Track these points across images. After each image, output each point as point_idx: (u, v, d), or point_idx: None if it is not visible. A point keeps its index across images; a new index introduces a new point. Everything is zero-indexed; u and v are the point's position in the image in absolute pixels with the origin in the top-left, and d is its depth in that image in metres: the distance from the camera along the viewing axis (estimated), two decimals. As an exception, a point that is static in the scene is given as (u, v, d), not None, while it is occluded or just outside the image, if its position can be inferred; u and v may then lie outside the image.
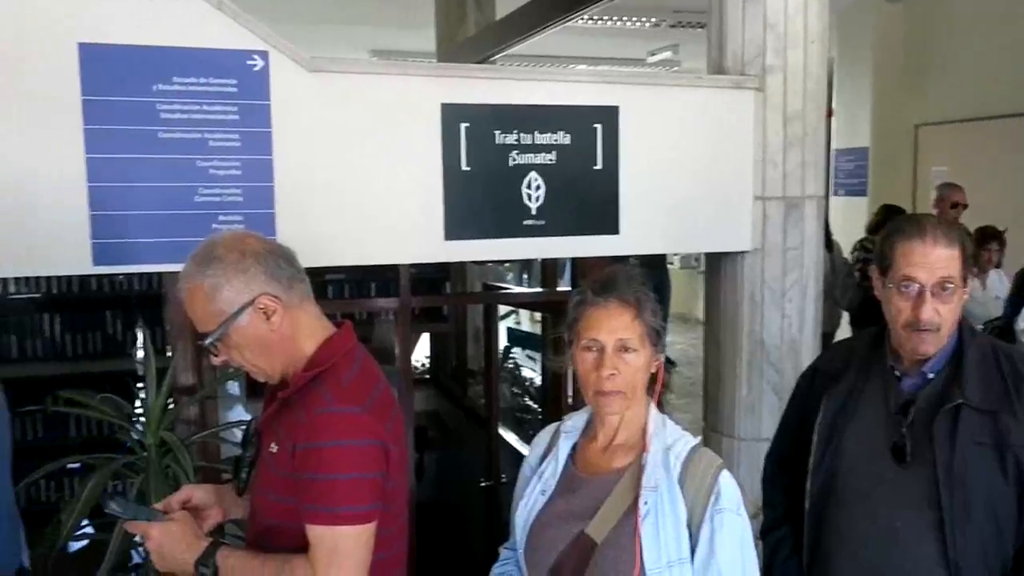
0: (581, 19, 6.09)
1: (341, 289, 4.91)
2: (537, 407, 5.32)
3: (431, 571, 3.12)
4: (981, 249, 4.63)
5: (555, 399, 3.66)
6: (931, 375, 1.76)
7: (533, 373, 5.83)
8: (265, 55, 2.33)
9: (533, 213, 2.67)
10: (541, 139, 2.66)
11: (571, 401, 3.35)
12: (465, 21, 6.19)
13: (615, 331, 1.59)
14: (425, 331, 5.59)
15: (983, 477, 1.67)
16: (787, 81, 2.92)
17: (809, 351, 3.00)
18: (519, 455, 3.92)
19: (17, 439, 2.14)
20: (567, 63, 9.93)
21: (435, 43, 6.59)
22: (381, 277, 4.78)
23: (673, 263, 10.55)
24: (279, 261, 1.59)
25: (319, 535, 1.50)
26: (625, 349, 1.59)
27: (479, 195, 2.60)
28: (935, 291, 1.69)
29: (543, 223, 2.68)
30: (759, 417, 3.00)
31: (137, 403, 2.70)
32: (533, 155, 2.65)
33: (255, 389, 3.26)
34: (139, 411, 2.61)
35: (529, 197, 2.66)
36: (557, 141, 2.68)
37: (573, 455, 1.70)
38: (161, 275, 3.08)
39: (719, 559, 1.52)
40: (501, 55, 5.85)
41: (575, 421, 1.75)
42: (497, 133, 2.61)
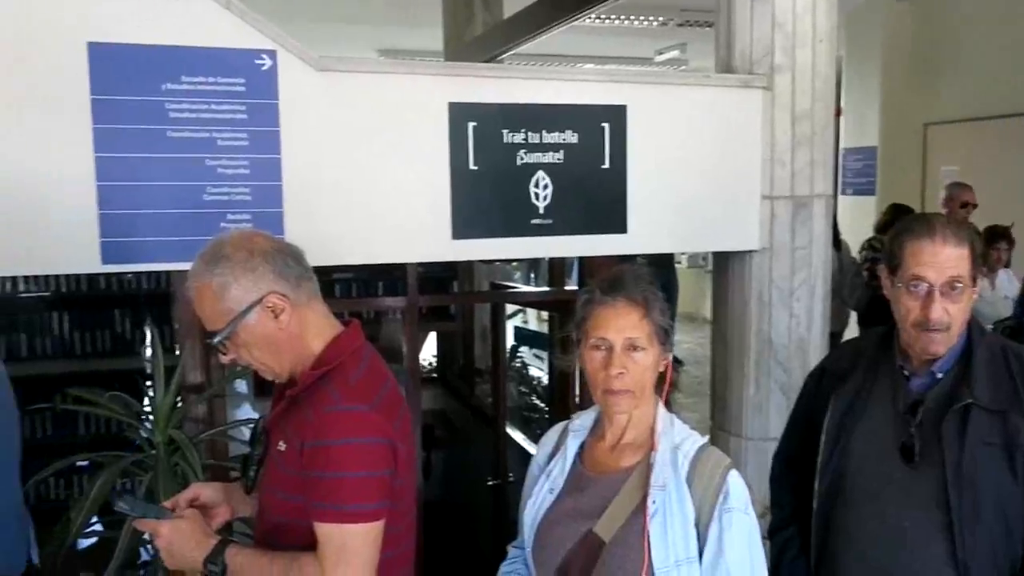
0: (589, 18, 6.09)
1: (349, 288, 4.93)
2: (544, 406, 5.32)
3: (439, 570, 3.12)
4: (990, 248, 4.60)
5: (562, 398, 3.67)
6: (940, 375, 1.76)
7: (540, 372, 5.82)
8: (273, 54, 2.33)
9: (541, 212, 2.67)
10: (549, 138, 2.66)
11: (578, 400, 3.35)
12: (472, 20, 6.19)
13: (623, 330, 1.59)
14: (432, 330, 5.60)
15: (992, 477, 1.67)
16: (795, 80, 2.92)
17: (817, 350, 2.99)
18: (526, 454, 3.92)
19: (26, 437, 2.15)
20: (574, 62, 9.92)
21: (442, 42, 6.59)
22: (389, 276, 4.80)
23: (680, 262, 10.54)
24: (287, 260, 1.59)
25: (327, 533, 1.50)
26: (633, 348, 1.59)
27: (487, 194, 2.60)
28: (944, 290, 1.69)
29: (551, 222, 2.68)
30: (767, 416, 2.99)
31: (146, 401, 2.70)
32: (541, 154, 2.65)
33: (263, 387, 3.26)
34: (148, 409, 2.62)
35: (537, 196, 2.66)
36: (565, 140, 2.68)
37: (581, 454, 1.70)
38: (169, 274, 3.09)
39: (727, 558, 1.52)
40: (508, 54, 5.85)
41: (583, 420, 1.75)
42: (505, 132, 2.61)
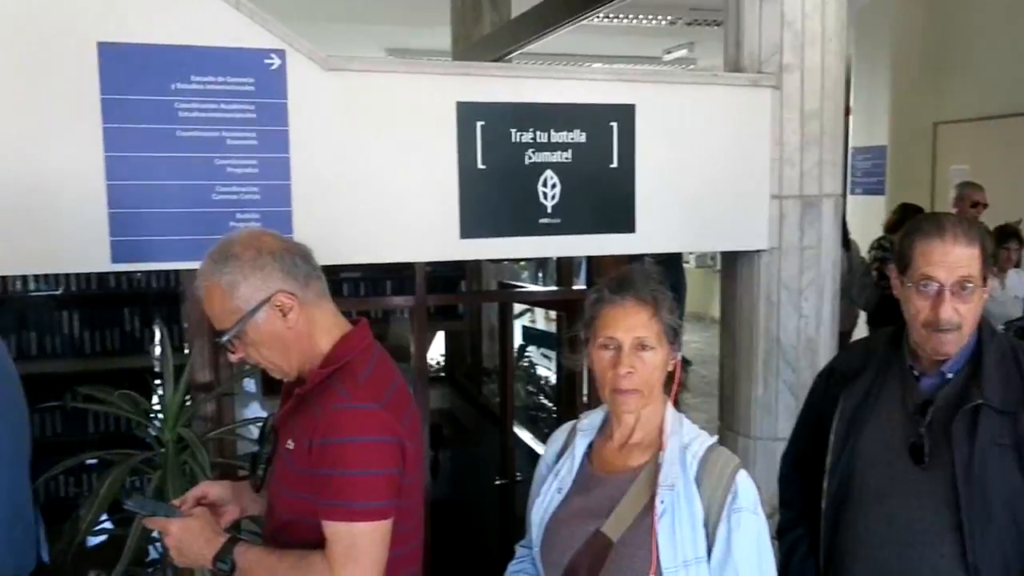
0: (597, 17, 6.08)
1: (357, 287, 4.93)
2: (552, 405, 5.32)
3: (446, 568, 3.13)
4: (1000, 248, 4.57)
5: (570, 397, 3.66)
6: (950, 375, 1.75)
7: (548, 371, 5.82)
8: (282, 54, 2.34)
9: (549, 211, 2.67)
10: (557, 137, 2.65)
11: (586, 399, 3.35)
12: (480, 19, 6.20)
13: (632, 329, 1.59)
14: (440, 329, 5.60)
15: (1002, 478, 1.66)
16: (804, 79, 2.91)
17: (826, 350, 2.98)
18: (534, 453, 3.93)
19: (36, 435, 2.16)
20: (583, 61, 9.92)
21: (450, 42, 6.60)
22: (397, 275, 4.80)
23: (689, 262, 10.52)
24: (295, 259, 1.59)
25: (336, 531, 1.50)
26: (642, 347, 1.59)
27: (495, 193, 2.60)
28: (955, 290, 1.68)
29: (559, 221, 2.68)
30: (775, 416, 2.98)
31: (155, 399, 2.71)
32: (549, 153, 2.65)
33: (272, 386, 3.27)
34: (157, 407, 2.63)
35: (545, 195, 2.66)
36: (573, 139, 2.67)
37: (589, 453, 1.70)
38: (179, 273, 3.10)
39: (736, 558, 1.51)
40: (516, 53, 5.85)
41: (591, 419, 1.75)
42: (513, 131, 2.61)
